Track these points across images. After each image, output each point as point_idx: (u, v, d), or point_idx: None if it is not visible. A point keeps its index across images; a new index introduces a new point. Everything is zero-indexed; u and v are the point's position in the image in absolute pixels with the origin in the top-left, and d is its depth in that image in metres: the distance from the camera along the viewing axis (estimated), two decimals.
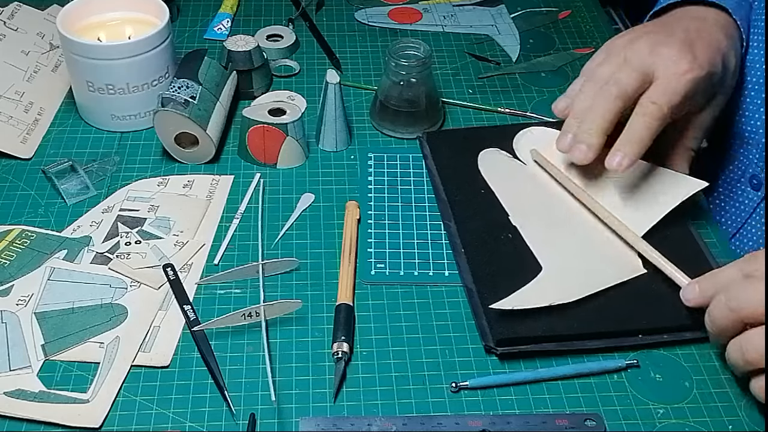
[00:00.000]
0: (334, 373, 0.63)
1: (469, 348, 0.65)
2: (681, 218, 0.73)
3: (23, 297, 0.67)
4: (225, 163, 0.82)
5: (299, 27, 1.01)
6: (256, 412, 0.60)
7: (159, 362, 0.63)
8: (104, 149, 0.83)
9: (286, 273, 0.71)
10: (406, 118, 0.84)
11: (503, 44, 1.00)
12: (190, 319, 0.66)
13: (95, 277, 0.69)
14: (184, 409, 0.61)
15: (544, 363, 0.64)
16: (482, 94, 0.91)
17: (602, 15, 1.06)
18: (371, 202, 0.77)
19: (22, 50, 0.90)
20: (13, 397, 0.60)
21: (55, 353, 0.63)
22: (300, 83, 0.92)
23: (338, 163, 0.82)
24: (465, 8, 1.06)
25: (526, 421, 0.59)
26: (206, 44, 0.98)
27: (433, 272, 0.71)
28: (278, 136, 0.79)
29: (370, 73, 0.94)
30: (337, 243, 0.73)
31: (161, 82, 0.83)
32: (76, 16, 0.84)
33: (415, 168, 0.81)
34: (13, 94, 0.86)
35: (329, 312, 0.67)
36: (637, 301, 0.66)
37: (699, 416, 0.61)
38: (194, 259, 0.72)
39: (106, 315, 0.66)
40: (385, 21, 1.03)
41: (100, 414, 0.60)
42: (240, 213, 0.76)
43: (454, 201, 0.76)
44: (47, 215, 0.75)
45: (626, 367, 0.64)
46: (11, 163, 0.81)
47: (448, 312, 0.68)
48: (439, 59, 0.96)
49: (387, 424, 0.59)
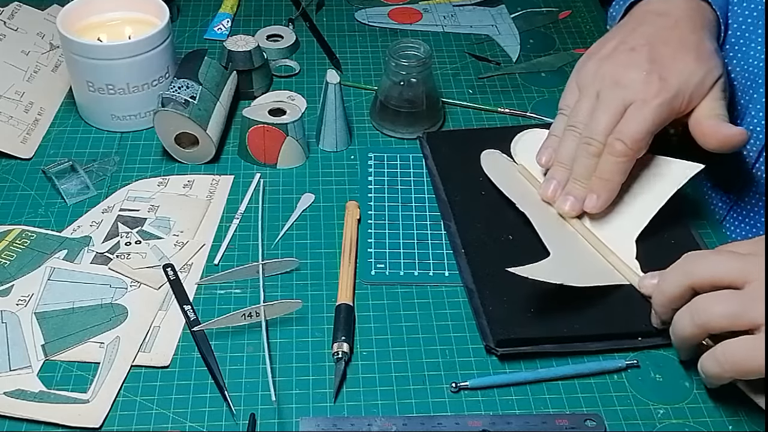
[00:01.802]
0: (334, 373, 0.63)
1: (470, 348, 0.65)
2: (681, 218, 0.73)
3: (23, 297, 0.67)
4: (225, 163, 0.82)
5: (299, 27, 1.01)
6: (256, 412, 0.60)
7: (159, 362, 0.63)
8: (104, 149, 0.83)
9: (287, 273, 0.71)
10: (406, 118, 0.84)
11: (503, 44, 1.00)
12: (190, 319, 0.66)
13: (95, 277, 0.69)
14: (185, 409, 0.61)
15: (544, 363, 0.64)
16: (482, 94, 0.91)
17: (602, 15, 1.06)
18: (371, 202, 0.77)
19: (22, 50, 0.90)
20: (13, 397, 0.60)
21: (55, 353, 0.63)
22: (300, 83, 0.92)
23: (338, 163, 0.82)
24: (465, 8, 1.06)
25: (526, 422, 0.59)
26: (206, 44, 0.98)
27: (433, 272, 0.71)
28: (278, 136, 0.79)
29: (370, 73, 0.94)
30: (337, 243, 0.73)
31: (161, 82, 0.83)
32: (76, 16, 0.84)
33: (415, 168, 0.81)
34: (13, 94, 0.86)
35: (329, 312, 0.67)
36: (636, 304, 0.66)
37: (699, 416, 0.61)
38: (194, 259, 0.72)
39: (106, 315, 0.66)
40: (385, 21, 1.03)
41: (100, 414, 0.60)
42: (240, 213, 0.76)
43: (454, 201, 0.76)
44: (47, 215, 0.75)
45: (626, 368, 0.64)
46: (11, 163, 0.81)
47: (449, 312, 0.68)
48: (439, 59, 0.96)
49: (387, 424, 0.59)
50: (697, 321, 0.58)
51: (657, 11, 0.75)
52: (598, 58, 0.73)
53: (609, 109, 0.69)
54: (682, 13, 0.74)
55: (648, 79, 0.69)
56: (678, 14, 0.74)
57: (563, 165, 0.72)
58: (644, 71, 0.69)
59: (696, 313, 0.58)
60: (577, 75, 0.74)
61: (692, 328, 0.58)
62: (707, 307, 0.58)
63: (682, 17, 0.73)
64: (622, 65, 0.71)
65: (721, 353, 0.57)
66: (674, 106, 0.69)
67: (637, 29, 0.74)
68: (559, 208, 0.72)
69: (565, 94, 0.75)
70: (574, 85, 0.74)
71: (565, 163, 0.71)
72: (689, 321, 0.58)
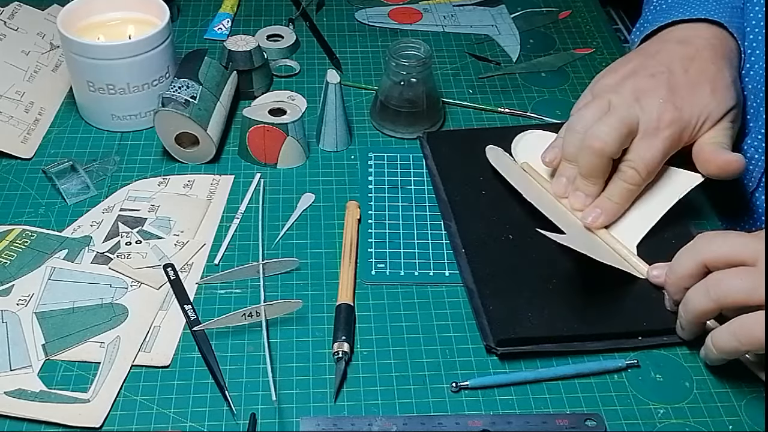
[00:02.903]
0: (334, 373, 0.63)
1: (470, 348, 0.65)
2: (681, 218, 0.73)
3: (24, 297, 0.67)
4: (225, 163, 0.82)
5: (299, 27, 1.01)
6: (257, 412, 0.60)
7: (159, 362, 0.63)
8: (104, 149, 0.83)
9: (287, 273, 0.71)
10: (407, 118, 0.84)
11: (503, 44, 1.00)
12: (190, 319, 0.66)
13: (96, 276, 0.69)
14: (185, 409, 0.61)
15: (544, 363, 0.64)
16: (482, 94, 0.91)
17: (602, 15, 1.06)
18: (371, 202, 0.77)
19: (22, 50, 0.90)
20: (13, 397, 0.60)
21: (56, 353, 0.63)
22: (300, 83, 0.92)
23: (338, 163, 0.82)
24: (465, 8, 1.06)
25: (526, 421, 0.59)
26: (206, 44, 0.98)
27: (433, 272, 0.71)
28: (278, 136, 0.79)
29: (370, 73, 0.94)
30: (337, 243, 0.73)
31: (161, 82, 0.83)
32: (77, 16, 0.84)
33: (415, 168, 0.81)
34: (13, 94, 0.86)
35: (329, 312, 0.67)
36: (637, 304, 0.66)
37: (699, 416, 0.61)
38: (195, 259, 0.72)
39: (107, 315, 0.66)
40: (385, 21, 1.03)
41: (100, 414, 0.60)
42: (240, 213, 0.76)
43: (454, 201, 0.76)
44: (47, 215, 0.75)
45: (626, 367, 0.64)
46: (11, 163, 0.81)
47: (449, 312, 0.68)
48: (440, 59, 0.96)
49: (387, 424, 0.59)
50: (713, 295, 0.59)
51: (679, 39, 0.75)
52: (618, 75, 0.74)
53: (620, 119, 0.69)
54: (704, 42, 0.74)
55: (664, 108, 0.70)
56: (700, 43, 0.74)
57: (570, 162, 0.72)
58: (661, 98, 0.70)
59: (713, 287, 0.59)
60: (594, 86, 0.75)
61: (708, 303, 0.59)
62: (725, 281, 0.59)
63: (704, 46, 0.74)
64: (641, 88, 0.71)
65: (738, 326, 0.58)
66: (684, 136, 0.70)
67: (658, 55, 0.74)
68: (571, 204, 0.72)
69: (580, 101, 0.76)
70: (589, 95, 0.75)
71: (571, 160, 0.72)
72: (705, 296, 0.60)
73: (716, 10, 0.76)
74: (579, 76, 0.94)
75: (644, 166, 0.69)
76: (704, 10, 0.76)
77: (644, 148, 0.69)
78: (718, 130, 0.72)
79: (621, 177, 0.70)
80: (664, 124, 0.69)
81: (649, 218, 0.71)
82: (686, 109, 0.70)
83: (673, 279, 0.64)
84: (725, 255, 0.60)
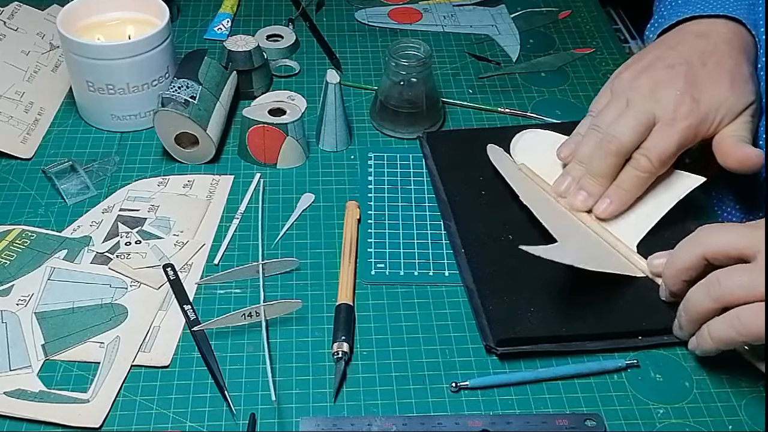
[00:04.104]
0: (334, 373, 0.63)
1: (470, 348, 0.65)
2: (681, 218, 0.73)
3: (23, 297, 0.67)
4: (225, 163, 0.82)
5: (299, 27, 1.01)
6: (256, 412, 0.60)
7: (159, 362, 0.63)
8: (104, 149, 0.83)
9: (286, 273, 0.71)
10: (406, 118, 0.84)
11: (503, 44, 1.00)
12: (190, 319, 0.66)
13: (95, 277, 0.69)
14: (185, 409, 0.61)
15: (544, 363, 0.64)
16: (482, 94, 0.91)
17: (602, 15, 1.06)
18: (371, 202, 0.77)
19: (22, 50, 0.90)
20: (13, 397, 0.60)
21: (56, 353, 0.63)
22: (300, 83, 0.92)
23: (338, 163, 0.82)
24: (465, 8, 1.06)
25: (526, 421, 0.59)
26: (206, 44, 0.98)
27: (433, 272, 0.71)
28: (278, 136, 0.79)
29: (370, 73, 0.94)
30: (337, 243, 0.73)
31: (161, 82, 0.83)
32: (76, 16, 0.84)
33: (415, 168, 0.81)
34: (13, 94, 0.86)
35: (329, 312, 0.67)
36: (637, 303, 0.66)
37: (699, 416, 0.61)
38: (194, 259, 0.72)
39: (107, 315, 0.66)
40: (385, 21, 1.03)
41: (100, 414, 0.60)
42: (240, 213, 0.76)
43: (454, 201, 0.76)
44: (47, 215, 0.75)
45: (626, 367, 0.64)
46: (11, 163, 0.81)
47: (449, 312, 0.68)
48: (439, 59, 0.96)
49: (387, 424, 0.59)
50: (713, 295, 0.59)
51: (697, 32, 0.75)
52: (635, 69, 0.74)
53: (636, 116, 0.69)
54: (722, 35, 0.75)
55: (681, 99, 0.70)
56: (718, 37, 0.74)
57: (581, 163, 0.72)
58: (678, 90, 0.70)
59: (712, 286, 0.59)
60: (612, 82, 0.75)
61: (708, 302, 0.59)
62: (724, 279, 0.59)
63: (722, 40, 0.74)
64: (658, 80, 0.71)
65: (736, 317, 0.58)
66: (701, 129, 0.70)
67: (676, 48, 0.74)
68: (570, 202, 0.72)
69: (598, 98, 0.76)
70: (608, 92, 0.75)
71: (583, 161, 0.72)
72: (705, 295, 0.60)
73: (734, 6, 0.77)
74: (579, 75, 0.94)
75: (657, 156, 0.69)
76: (722, 7, 0.77)
77: (659, 137, 0.69)
78: (738, 124, 0.72)
79: (633, 165, 0.70)
80: (681, 116, 0.69)
81: (650, 218, 0.71)
82: (704, 102, 0.70)
83: (672, 271, 0.64)
84: (725, 247, 0.60)
